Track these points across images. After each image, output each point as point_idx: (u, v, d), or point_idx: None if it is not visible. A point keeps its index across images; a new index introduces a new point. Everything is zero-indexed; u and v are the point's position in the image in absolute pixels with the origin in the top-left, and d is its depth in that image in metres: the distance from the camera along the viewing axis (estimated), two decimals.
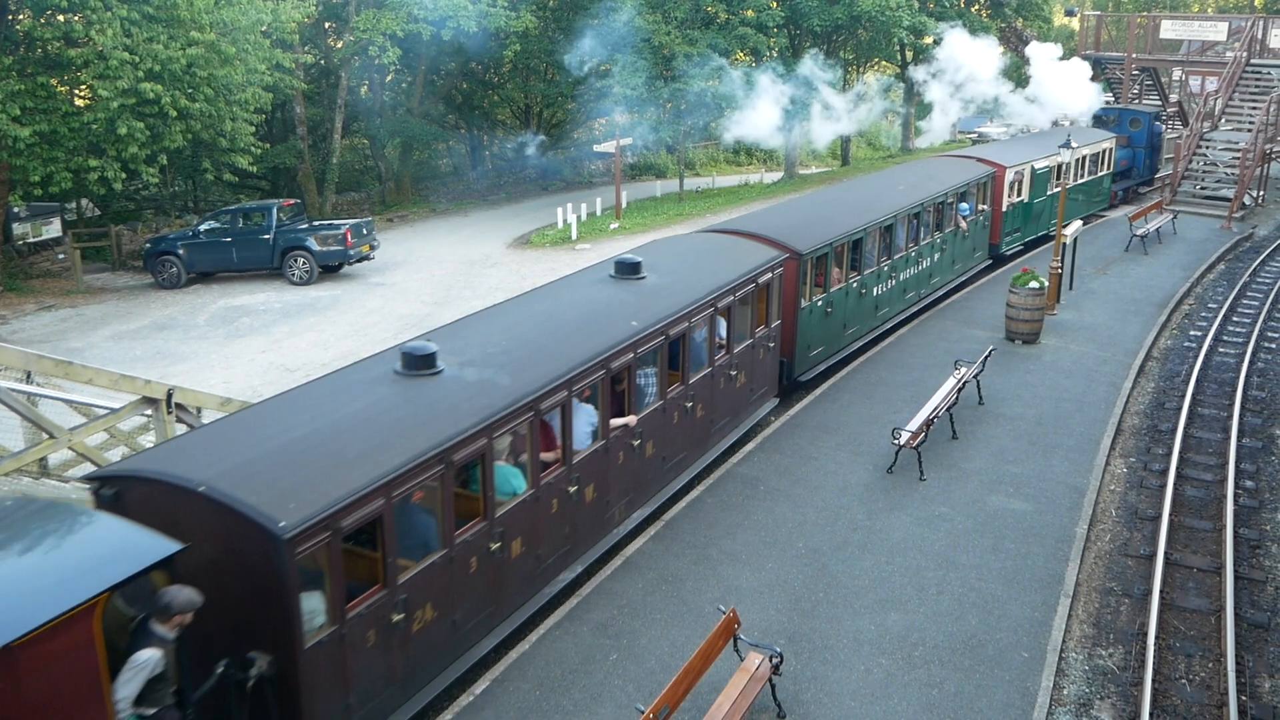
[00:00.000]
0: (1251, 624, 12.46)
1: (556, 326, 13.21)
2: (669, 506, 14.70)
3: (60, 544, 7.61)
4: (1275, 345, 22.48)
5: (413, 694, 10.26)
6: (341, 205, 42.27)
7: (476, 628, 11.07)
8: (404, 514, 9.92)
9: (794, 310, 18.25)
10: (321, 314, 26.64)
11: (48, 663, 6.74)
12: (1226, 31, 41.50)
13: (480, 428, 10.52)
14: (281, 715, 8.76)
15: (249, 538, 8.49)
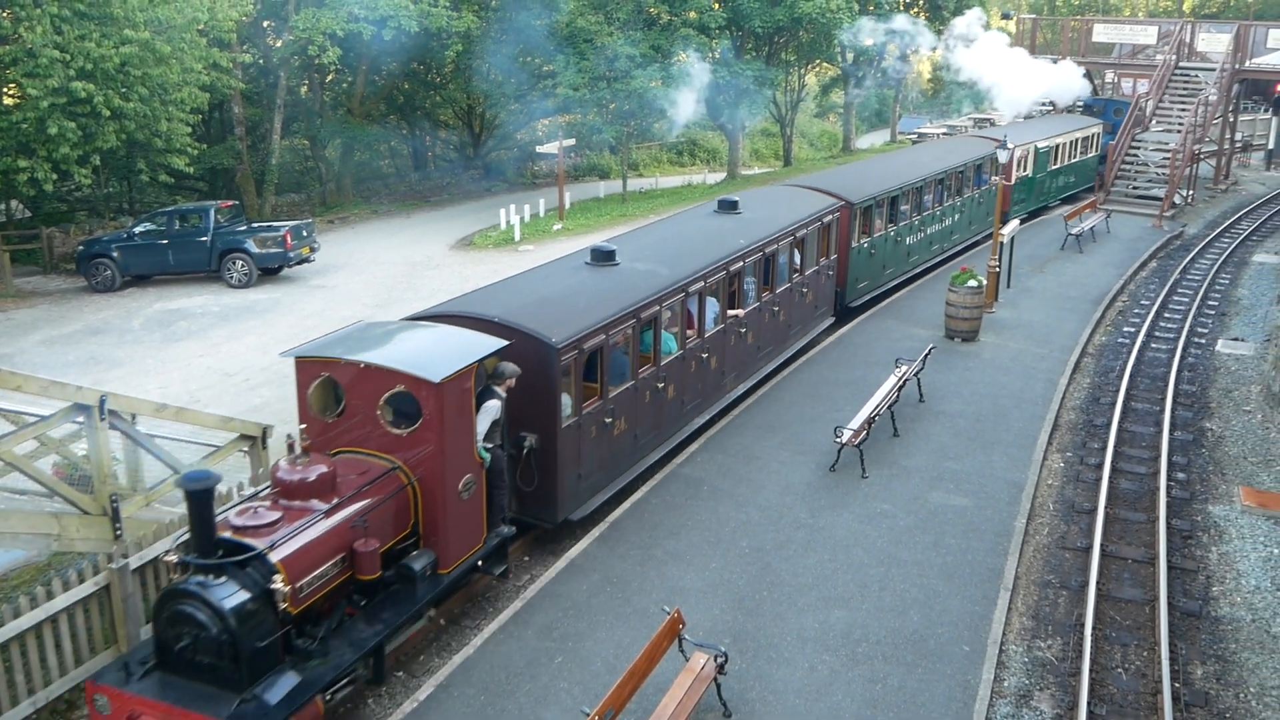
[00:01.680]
0: (1184, 612, 12.72)
1: (688, 242, 17.95)
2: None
3: (450, 338, 12.27)
4: (1205, 340, 22.96)
5: (613, 479, 15.01)
6: (281, 207, 41.79)
7: (647, 443, 15.78)
8: (612, 350, 14.41)
9: (846, 249, 22.89)
10: (261, 317, 26.31)
11: (453, 396, 11.10)
12: (1156, 35, 42.33)
13: (654, 297, 15.20)
14: (541, 479, 13.45)
15: (530, 348, 12.95)
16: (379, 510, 10.83)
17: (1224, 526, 14.81)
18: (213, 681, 9.38)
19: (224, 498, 12.61)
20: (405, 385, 11.06)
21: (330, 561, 10.23)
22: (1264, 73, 40.08)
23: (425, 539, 11.44)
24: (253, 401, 20.36)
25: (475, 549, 12.04)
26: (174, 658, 9.46)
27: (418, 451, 11.21)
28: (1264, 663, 11.77)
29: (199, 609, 9.28)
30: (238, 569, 9.46)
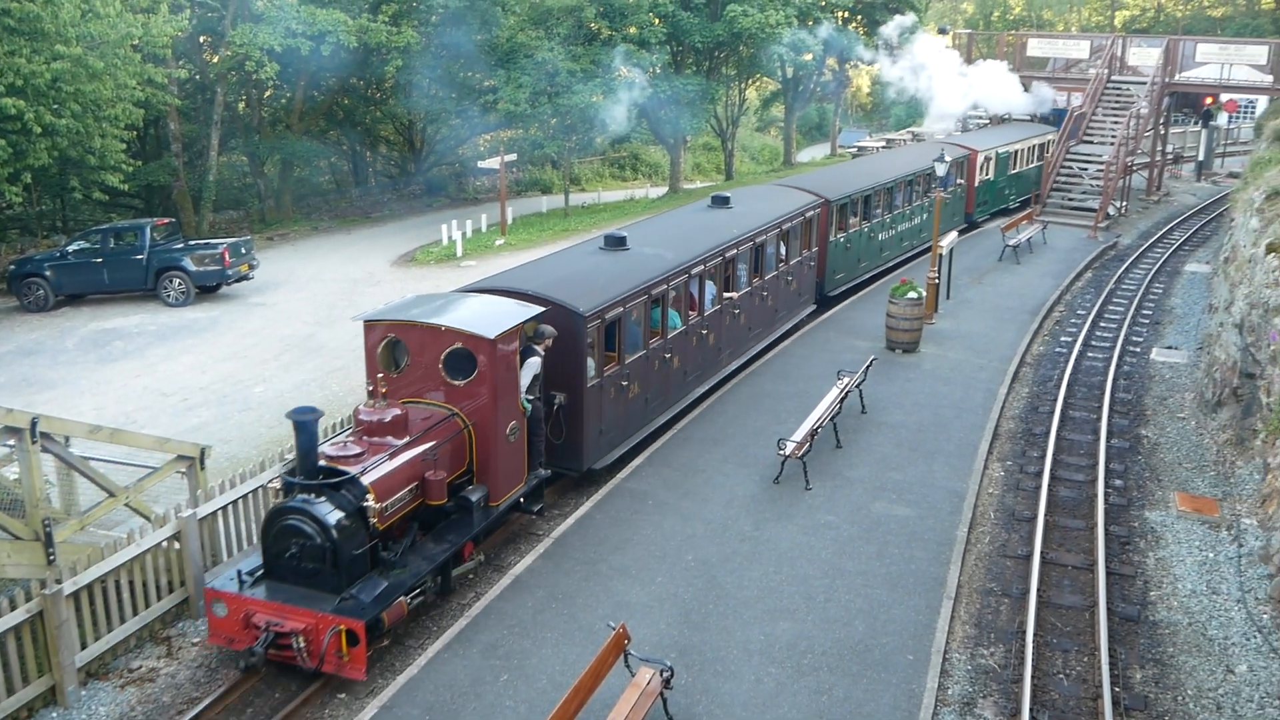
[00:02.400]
0: (1123, 617, 12.90)
1: (687, 231, 20.04)
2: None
3: (496, 305, 14.20)
4: (1139, 349, 23.36)
5: (628, 436, 17.08)
6: (219, 224, 41.24)
7: (655, 406, 17.83)
8: (628, 321, 16.47)
9: (825, 242, 25.00)
10: (199, 336, 25.93)
11: (502, 353, 13.11)
12: (1089, 49, 43.15)
13: (662, 277, 17.25)
14: (569, 431, 15.51)
15: (561, 317, 14.96)
16: (442, 449, 12.90)
17: (1160, 532, 15.05)
18: (315, 585, 11.46)
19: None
20: (463, 342, 13.17)
21: (407, 488, 12.35)
22: (1193, 86, 40.99)
23: (478, 476, 13.55)
24: (191, 422, 20.04)
25: (518, 487, 14.18)
26: (281, 566, 11.63)
27: (472, 401, 13.34)
28: (1201, 665, 11.96)
29: (305, 522, 11.38)
30: (335, 490, 11.54)
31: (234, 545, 13.66)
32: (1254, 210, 21.95)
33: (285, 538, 11.50)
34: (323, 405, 20.70)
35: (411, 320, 13.49)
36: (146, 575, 12.38)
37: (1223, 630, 12.56)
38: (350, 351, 24.27)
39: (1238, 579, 13.60)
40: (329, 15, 36.85)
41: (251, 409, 20.77)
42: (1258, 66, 39.51)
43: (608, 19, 41.94)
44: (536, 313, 14.14)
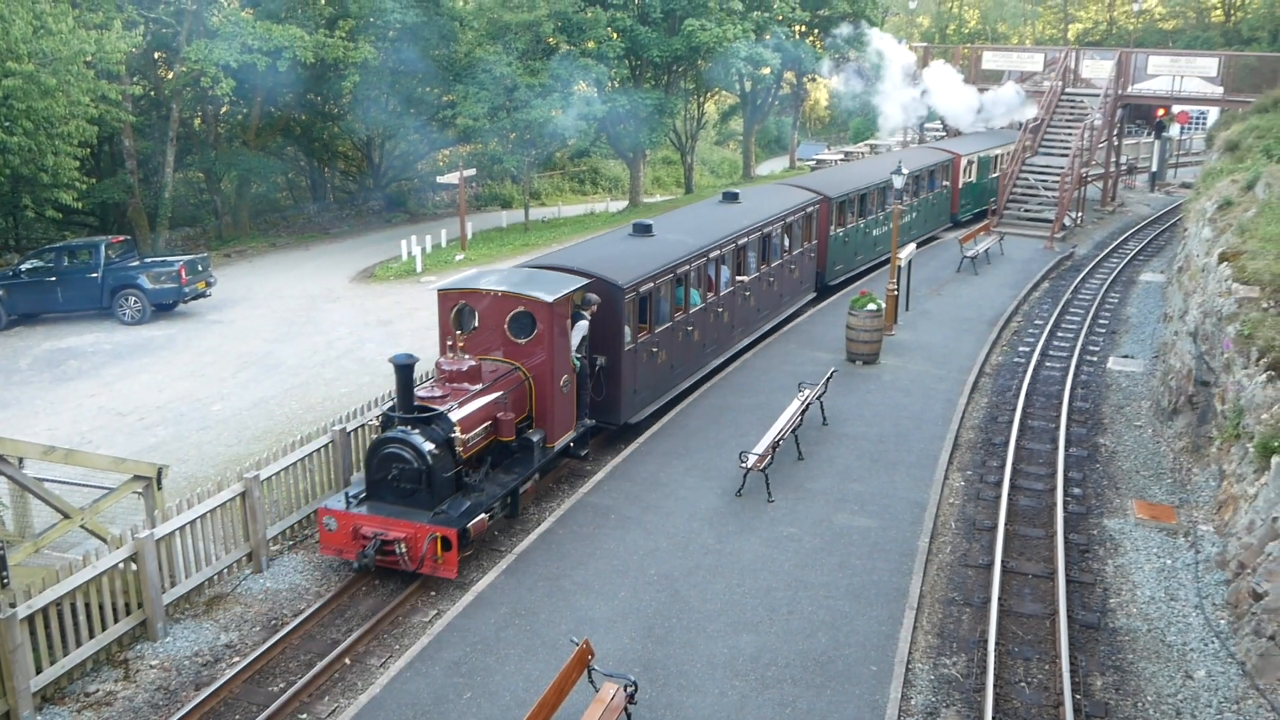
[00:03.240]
0: (1083, 625, 13.01)
1: (703, 222, 22.34)
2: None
3: (551, 276, 16.47)
4: (1096, 358, 23.62)
5: (657, 397, 19.33)
6: (176, 241, 40.80)
7: (679, 373, 20.12)
8: (658, 296, 18.80)
9: (825, 236, 27.37)
10: (155, 355, 25.64)
11: (558, 315, 15.44)
12: (1043, 62, 43.68)
13: (685, 259, 19.59)
14: (608, 389, 17.64)
15: (603, 289, 17.20)
16: (509, 396, 15.27)
17: (1119, 539, 15.19)
18: (411, 503, 13.79)
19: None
20: (526, 306, 15.60)
21: (483, 425, 14.73)
22: (1145, 98, 41.62)
23: (537, 421, 15.97)
24: (147, 441, 19.81)
25: (570, 432, 16.61)
26: (382, 488, 13.93)
27: (532, 356, 15.75)
28: (1160, 671, 12.06)
29: (404, 450, 13.70)
30: (428, 424, 13.90)
31: (193, 566, 13.49)
32: (1206, 220, 22.28)
33: (387, 463, 13.82)
34: (282, 423, 20.55)
35: (480, 288, 16.02)
36: (103, 597, 12.20)
37: (1181, 636, 12.68)
38: (309, 369, 24.10)
39: (1195, 585, 13.75)
40: (285, 31, 36.64)
41: (209, 427, 20.56)
42: (1208, 78, 40.18)
43: (565, 34, 41.99)
44: (584, 283, 16.57)
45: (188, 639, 12.87)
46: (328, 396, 22.18)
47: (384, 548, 13.51)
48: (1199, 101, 42.45)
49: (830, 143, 73.29)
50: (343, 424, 16.17)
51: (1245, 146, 27.47)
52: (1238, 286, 16.66)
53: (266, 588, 14.14)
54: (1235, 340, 15.75)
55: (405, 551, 13.45)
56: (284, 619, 13.38)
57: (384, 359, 24.36)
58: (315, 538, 15.34)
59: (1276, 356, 14.31)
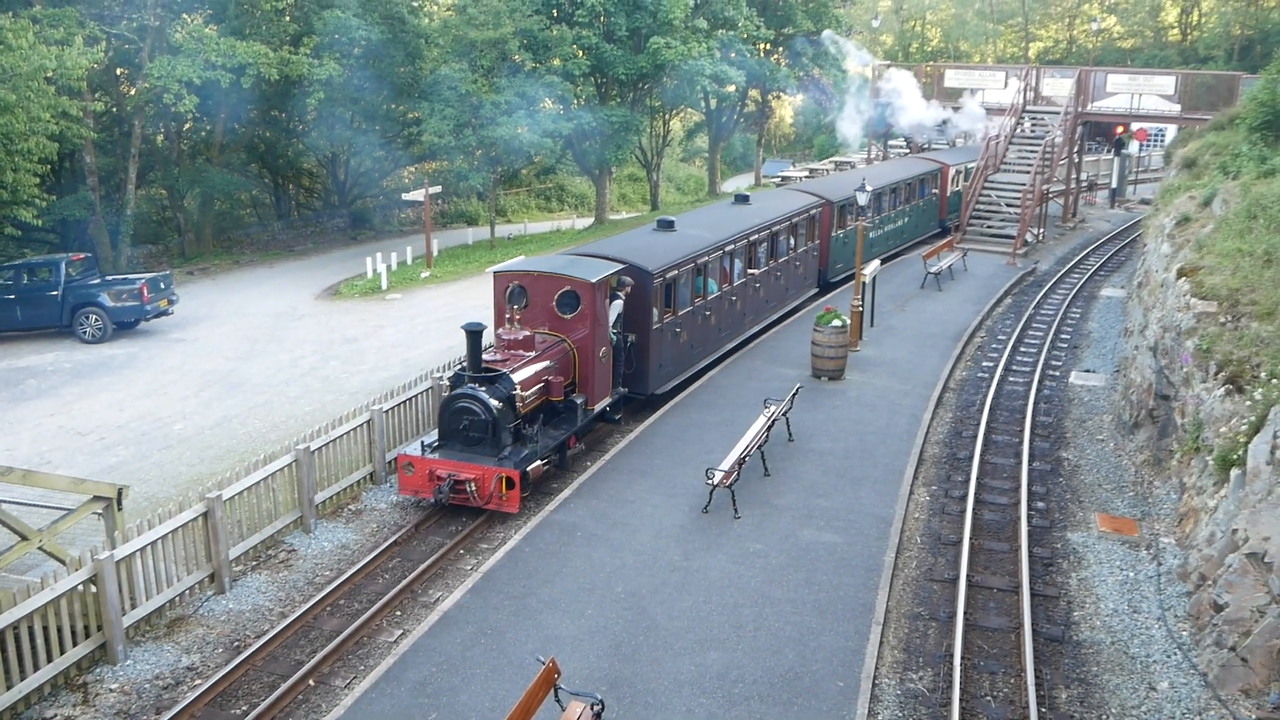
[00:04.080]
0: (1048, 638, 13.08)
1: (719, 220, 24.74)
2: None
3: (591, 261, 18.87)
4: (1059, 373, 23.83)
5: (679, 372, 21.67)
6: (138, 258, 40.45)
7: (698, 353, 22.43)
8: (681, 283, 20.98)
9: (827, 237, 29.74)
10: (116, 373, 25.38)
11: (599, 294, 17.78)
12: (1004, 80, 44.11)
13: (704, 250, 21.93)
14: (637, 363, 19.94)
15: (635, 274, 19.47)
16: (557, 363, 17.73)
17: (1082, 553, 15.30)
18: (478, 450, 16.14)
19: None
20: (572, 286, 18.06)
21: (537, 386, 17.15)
22: (1104, 115, 42.11)
23: (579, 386, 18.32)
24: (108, 461, 19.59)
25: (607, 398, 19.01)
26: (453, 437, 16.32)
27: (576, 331, 18.15)
28: (1124, 684, 12.15)
29: (474, 404, 16.07)
30: (493, 383, 16.31)
31: (154, 587, 13.33)
32: (1165, 236, 22.55)
33: (459, 415, 16.19)
34: (245, 442, 20.37)
35: (532, 270, 18.66)
36: (61, 620, 12.03)
37: (1144, 648, 12.78)
38: (273, 387, 23.93)
39: (1158, 597, 13.86)
40: (249, 47, 36.48)
41: (171, 446, 20.35)
42: (1166, 96, 40.71)
43: (531, 51, 42.04)
44: (620, 268, 18.99)
45: (148, 662, 12.71)
46: (291, 415, 22.01)
47: (456, 487, 15.83)
48: (1157, 119, 43.02)
49: (795, 160, 73.69)
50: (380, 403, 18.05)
51: (1202, 163, 27.85)
52: (1196, 301, 16.87)
53: (229, 609, 14.00)
54: (1194, 354, 15.94)
55: (475, 490, 15.78)
56: (247, 640, 13.24)
57: (349, 377, 24.30)
58: (279, 558, 15.26)
59: (1235, 370, 14.49)
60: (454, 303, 32.18)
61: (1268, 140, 23.84)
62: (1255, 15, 69.04)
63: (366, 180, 54.04)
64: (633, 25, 44.56)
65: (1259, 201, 18.84)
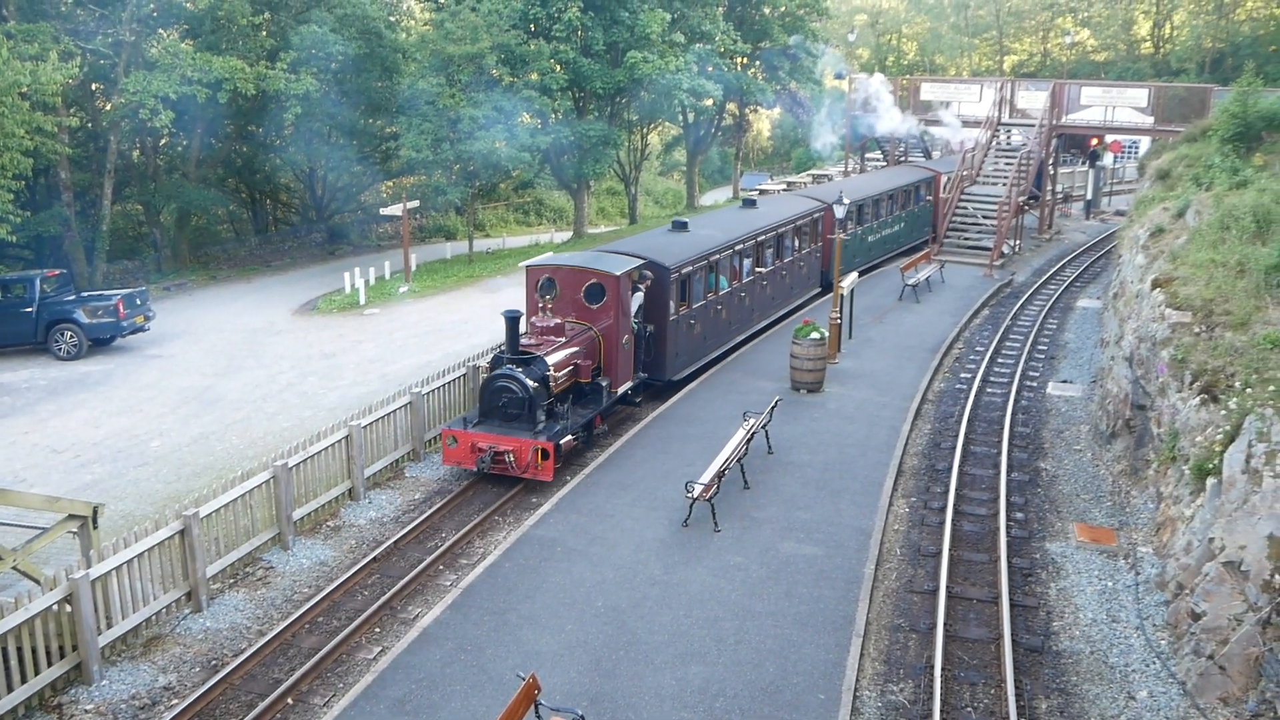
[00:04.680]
0: (1027, 649, 13.11)
1: (729, 221, 26.84)
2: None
3: (615, 257, 20.82)
4: (1036, 384, 23.94)
5: (692, 362, 23.28)
6: (114, 274, 40.21)
7: (710, 344, 24.15)
8: (695, 279, 22.63)
9: (829, 239, 29.40)
10: (92, 390, 25.20)
11: (623, 286, 19.63)
12: (980, 93, 44.38)
13: (716, 249, 23.62)
14: (655, 351, 21.52)
15: (654, 269, 21.03)
16: (585, 349, 19.58)
17: (1061, 563, 15.36)
18: (515, 425, 17.86)
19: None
20: (598, 278, 19.92)
21: (568, 369, 18.91)
22: (1079, 128, 42.39)
23: (604, 371, 20.15)
24: (83, 479, 19.43)
25: (628, 382, 20.79)
26: (492, 413, 18.03)
27: (602, 320, 19.98)
28: (1103, 693, 12.18)
29: (512, 383, 17.80)
30: (529, 364, 18.01)
31: (129, 606, 13.21)
32: (1139, 247, 22.72)
33: (498, 394, 17.90)
34: (223, 459, 20.25)
35: (561, 264, 20.47)
36: (36, 641, 11.91)
37: (1123, 658, 12.83)
38: (250, 404, 23.80)
39: (1136, 606, 13.92)
40: (225, 62, 36.37)
41: (148, 464, 20.21)
42: (1139, 108, 41.01)
43: (509, 66, 42.07)
44: (640, 263, 20.80)
45: (124, 682, 12.59)
46: (269, 431, 21.89)
47: (496, 458, 17.43)
48: (1131, 131, 43.29)
49: (773, 173, 73.90)
50: (358, 419, 18.03)
51: (1175, 175, 28.08)
52: (1170, 312, 16.99)
53: (206, 627, 13.89)
54: (1169, 364, 16.05)
55: (513, 460, 17.38)
56: (224, 659, 13.14)
57: (327, 393, 24.20)
58: (256, 575, 15.18)
59: (1210, 380, 14.59)
60: (432, 317, 32.11)
61: (1239, 152, 24.09)
62: (1226, 29, 69.76)
63: (344, 195, 53.93)
64: (610, 40, 44.69)
65: (1231, 212, 19.00)
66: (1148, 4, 76.36)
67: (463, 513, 17.33)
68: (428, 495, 18.13)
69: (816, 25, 59.48)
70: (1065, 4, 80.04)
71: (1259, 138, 24.37)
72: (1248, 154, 23.88)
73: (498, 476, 18.08)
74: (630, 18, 44.09)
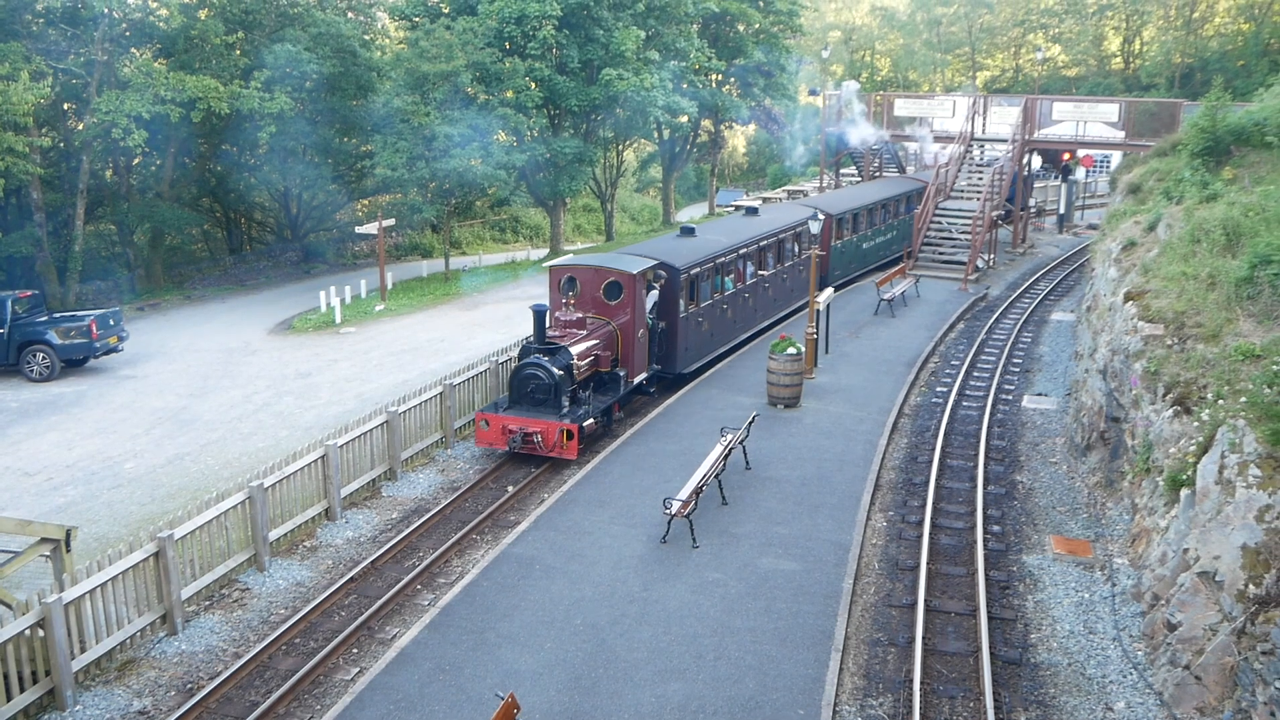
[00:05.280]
0: (1006, 661, 13.15)
1: (733, 228, 28.29)
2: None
3: (630, 258, 22.53)
4: (1011, 397, 24.06)
5: (701, 357, 24.94)
6: (87, 295, 39.98)
7: (717, 341, 25.83)
8: (703, 280, 24.31)
9: (828, 246, 33.25)
10: (65, 412, 25.00)
11: (639, 284, 21.45)
12: (952, 109, 44.70)
13: (722, 252, 25.33)
14: (667, 345, 23.16)
15: (666, 270, 22.82)
16: (604, 341, 21.33)
17: (1038, 575, 15.42)
18: (542, 409, 19.58)
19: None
20: (616, 277, 21.67)
21: (589, 359, 20.68)
22: (1051, 143, 42.76)
23: (622, 362, 21.85)
24: (56, 502, 19.25)
25: (643, 373, 22.52)
26: (521, 399, 19.77)
27: (619, 315, 21.74)
28: (1081, 705, 12.22)
29: (540, 370, 19.52)
30: (554, 354, 19.73)
31: (104, 630, 13.08)
32: (1112, 260, 22.90)
33: (527, 380, 19.65)
34: (198, 480, 20.11)
35: (581, 264, 22.38)
36: (8, 666, 11.78)
37: (1100, 669, 12.88)
38: (225, 424, 23.66)
39: (1112, 618, 13.99)
40: (199, 81, 36.30)
41: (122, 486, 20.05)
42: (1110, 123, 41.41)
43: (484, 84, 42.12)
44: (654, 263, 22.57)
45: (99, 707, 12.46)
46: (245, 452, 21.77)
47: (526, 439, 19.17)
48: (1102, 146, 43.68)
49: (748, 189, 74.19)
50: (334, 438, 16.53)
51: (1146, 189, 28.31)
52: (1143, 324, 17.12)
53: (182, 650, 13.77)
54: (1142, 377, 16.16)
55: (540, 440, 19.13)
56: (200, 682, 13.03)
57: (303, 412, 24.09)
58: (232, 597, 15.08)
59: (1182, 392, 14.71)
60: (409, 336, 32.03)
61: (1209, 165, 24.30)
62: (1194, 44, 70.60)
63: (319, 214, 53.78)
64: (585, 57, 44.82)
65: (1202, 225, 19.17)
66: (1118, 20, 77.24)
67: (440, 531, 17.26)
68: (405, 514, 18.06)
69: (791, 42, 59.82)
70: (1036, 20, 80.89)
71: (1228, 152, 24.58)
72: (1217, 168, 24.09)
73: (482, 489, 17.98)
74: (605, 35, 44.24)
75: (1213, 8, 71.68)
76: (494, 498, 18.55)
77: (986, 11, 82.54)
